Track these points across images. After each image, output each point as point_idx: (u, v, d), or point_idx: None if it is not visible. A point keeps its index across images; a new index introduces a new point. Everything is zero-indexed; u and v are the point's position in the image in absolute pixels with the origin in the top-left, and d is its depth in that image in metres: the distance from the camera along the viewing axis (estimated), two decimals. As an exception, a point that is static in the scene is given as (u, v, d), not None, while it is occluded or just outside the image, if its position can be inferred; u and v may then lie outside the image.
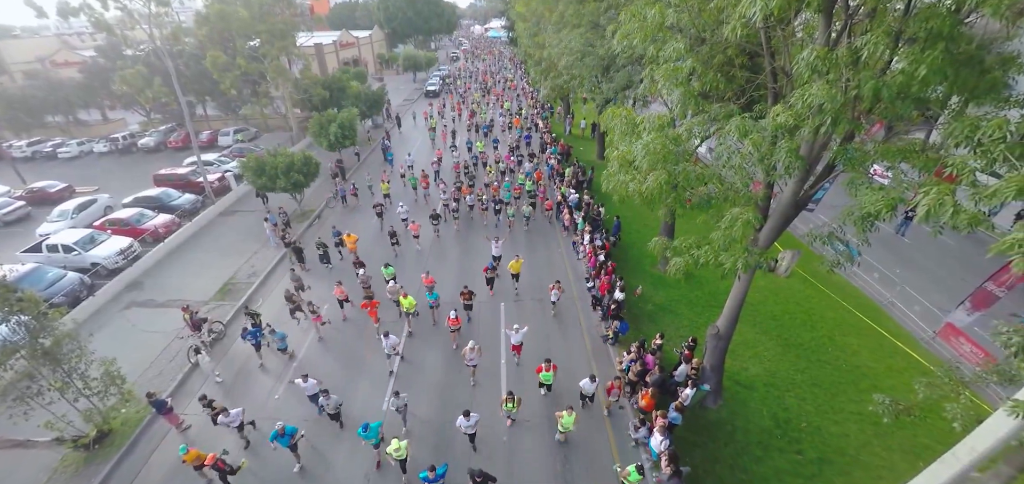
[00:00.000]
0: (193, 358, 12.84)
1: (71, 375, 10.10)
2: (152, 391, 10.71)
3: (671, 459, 8.84)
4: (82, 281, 16.27)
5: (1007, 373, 5.46)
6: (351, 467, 9.99)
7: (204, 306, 15.40)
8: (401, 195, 23.11)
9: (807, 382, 12.05)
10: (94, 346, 11.10)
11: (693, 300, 15.20)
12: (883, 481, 8.83)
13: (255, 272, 17.50)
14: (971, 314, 12.72)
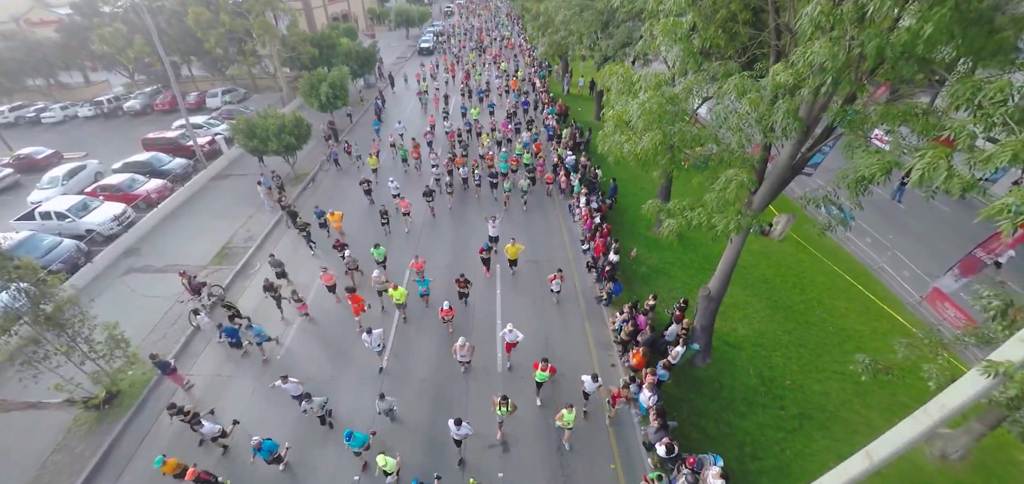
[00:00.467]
0: (194, 321, 13.06)
1: (76, 339, 10.30)
2: (156, 353, 10.96)
3: (659, 414, 9.25)
4: (79, 248, 16.27)
5: (985, 335, 5.64)
6: (338, 471, 9.43)
7: (202, 270, 15.52)
8: (391, 169, 21.76)
9: (793, 343, 12.40)
10: (95, 311, 11.26)
11: (687, 262, 15.38)
12: (860, 436, 9.28)
13: (251, 236, 17.51)
14: (958, 280, 12.95)
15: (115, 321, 11.00)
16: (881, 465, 5.54)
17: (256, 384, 11.45)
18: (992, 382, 4.27)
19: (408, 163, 21.97)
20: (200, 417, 9.50)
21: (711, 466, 8.43)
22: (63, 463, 9.72)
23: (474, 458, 9.67)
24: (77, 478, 9.36)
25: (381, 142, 24.04)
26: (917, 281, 14.39)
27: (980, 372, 4.30)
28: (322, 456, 9.76)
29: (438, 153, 21.46)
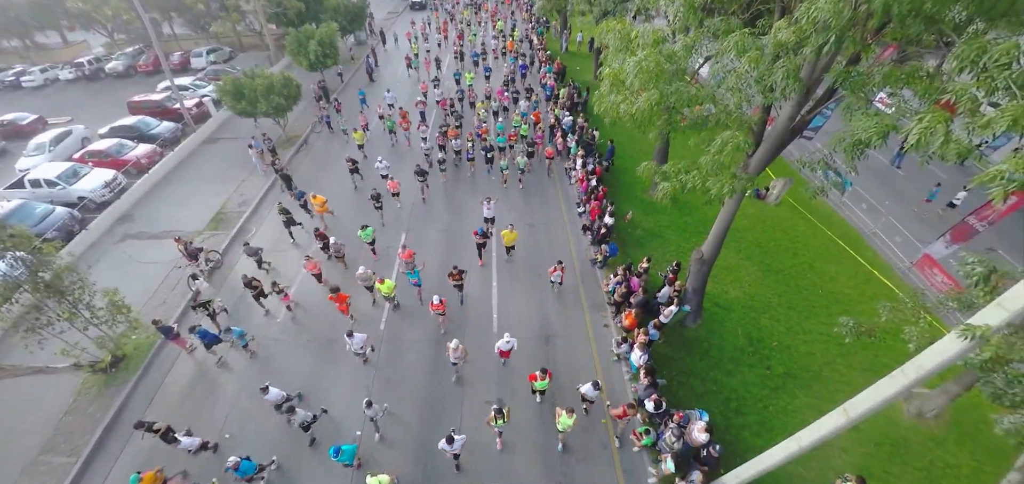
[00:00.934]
0: (193, 286, 13.19)
1: (77, 306, 10.45)
2: (158, 319, 11.15)
3: (648, 372, 9.57)
4: (72, 215, 16.17)
5: (966, 301, 5.75)
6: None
7: (198, 236, 15.52)
8: (379, 143, 20.40)
9: (783, 305, 12.65)
10: (94, 278, 11.38)
11: (682, 225, 15.40)
12: (841, 394, 9.66)
13: (245, 200, 17.39)
14: (949, 246, 13.03)
15: (115, 287, 11.09)
16: (857, 421, 5.79)
17: (240, 384, 10.83)
18: (968, 345, 4.39)
19: (396, 135, 20.53)
20: (174, 432, 8.96)
21: (697, 421, 8.83)
22: (76, 424, 10.10)
23: (471, 460, 9.19)
24: (90, 437, 9.76)
25: (369, 113, 22.28)
26: (909, 247, 14.50)
27: (958, 335, 4.41)
28: (311, 474, 9.11)
29: (429, 125, 20.24)
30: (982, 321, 4.35)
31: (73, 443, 9.71)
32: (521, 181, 17.58)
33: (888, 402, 5.42)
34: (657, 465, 8.98)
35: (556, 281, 12.40)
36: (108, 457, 9.50)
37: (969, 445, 9.42)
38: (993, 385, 5.00)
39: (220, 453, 9.39)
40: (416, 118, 21.40)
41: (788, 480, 8.78)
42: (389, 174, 16.54)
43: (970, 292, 5.61)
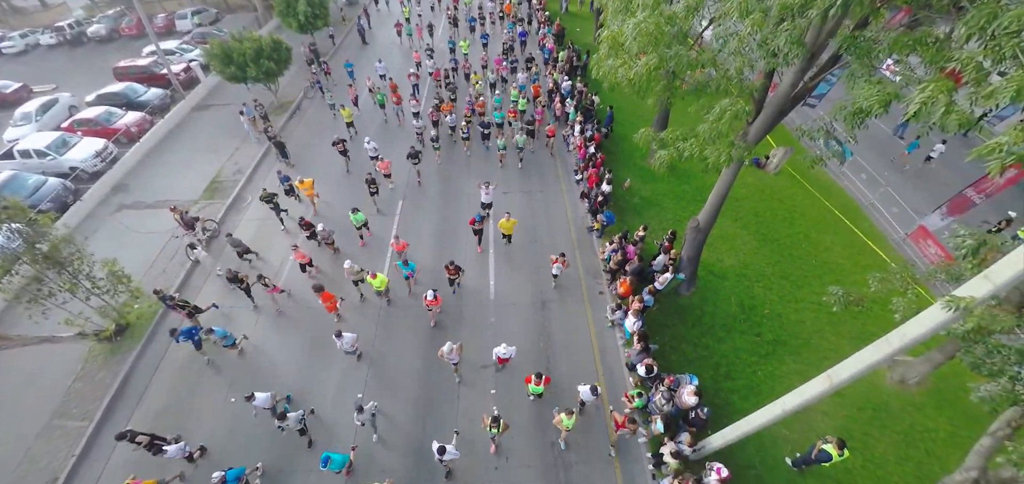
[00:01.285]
0: (191, 255, 13.27)
1: (77, 276, 10.55)
2: (159, 288, 11.27)
3: (641, 338, 9.78)
4: (65, 186, 16.01)
5: (955, 273, 5.79)
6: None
7: (194, 205, 15.46)
8: (370, 119, 19.21)
9: (776, 274, 12.77)
10: (92, 249, 11.40)
11: (680, 194, 15.32)
12: (828, 361, 9.82)
13: (239, 169, 17.20)
14: (945, 218, 12.98)
15: (113, 258, 11.15)
16: (840, 386, 5.97)
17: (230, 387, 10.38)
18: (952, 316, 4.46)
19: (387, 110, 19.32)
20: (159, 441, 8.55)
21: (687, 385, 9.10)
22: (85, 390, 10.42)
23: (467, 465, 8.92)
24: (100, 404, 10.10)
25: (358, 86, 20.55)
26: (905, 218, 14.49)
27: (943, 306, 4.48)
28: (305, 479, 8.88)
29: (421, 99, 18.65)
30: (967, 293, 4.40)
31: (84, 408, 10.05)
32: (521, 160, 16.67)
33: (871, 369, 5.57)
34: (647, 426, 9.34)
35: (557, 273, 11.84)
36: (119, 421, 9.84)
37: (947, 410, 9.77)
38: (973, 355, 5.14)
39: (210, 455, 9.23)
40: (409, 92, 19.72)
41: (772, 441, 9.17)
42: (379, 154, 15.68)
43: (959, 264, 5.66)
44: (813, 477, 8.74)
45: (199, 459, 9.06)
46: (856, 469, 8.84)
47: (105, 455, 9.31)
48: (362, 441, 9.23)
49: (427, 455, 8.51)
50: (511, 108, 17.85)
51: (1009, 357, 4.83)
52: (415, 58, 22.02)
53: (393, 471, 8.83)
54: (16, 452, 9.40)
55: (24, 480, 9.01)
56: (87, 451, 9.36)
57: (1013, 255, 3.97)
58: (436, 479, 8.76)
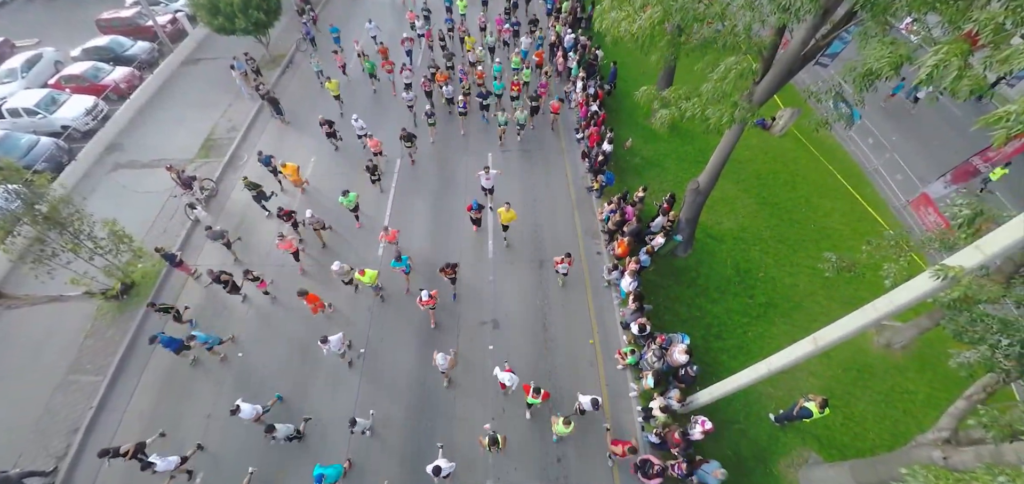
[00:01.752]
0: (191, 215, 13.32)
1: (79, 236, 10.66)
2: (161, 246, 11.39)
3: (637, 297, 9.95)
4: (58, 146, 15.78)
5: (948, 242, 5.76)
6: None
7: (189, 164, 15.32)
8: (359, 90, 17.71)
9: (774, 238, 12.74)
10: (91, 209, 11.44)
11: (682, 154, 15.03)
12: (818, 323, 9.97)
13: (234, 126, 16.91)
14: (949, 186, 12.69)
15: (113, 218, 11.22)
16: (825, 349, 6.11)
17: (218, 390, 9.98)
18: (941, 284, 4.49)
19: (377, 79, 17.60)
20: (145, 450, 8.15)
21: (679, 344, 9.35)
22: (97, 347, 10.82)
23: (464, 474, 8.74)
24: (112, 358, 10.51)
25: (345, 52, 18.39)
26: (908, 185, 14.15)
27: (931, 275, 4.49)
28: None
29: (415, 68, 16.89)
30: (957, 262, 4.40)
31: (97, 363, 10.48)
32: (520, 136, 15.54)
33: (856, 334, 5.68)
34: (639, 381, 9.69)
35: (562, 272, 10.94)
36: (132, 375, 10.30)
37: (929, 374, 10.05)
38: (957, 323, 5.21)
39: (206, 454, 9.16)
40: (402, 59, 17.67)
41: (758, 398, 9.54)
42: (367, 132, 14.34)
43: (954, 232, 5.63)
44: (794, 432, 9.17)
45: (194, 454, 8.84)
46: (835, 426, 9.24)
47: (121, 406, 9.82)
48: (360, 449, 8.97)
49: (425, 459, 8.38)
50: (514, 80, 15.98)
51: (991, 326, 4.91)
52: (409, 18, 20.17)
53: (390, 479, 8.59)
54: (36, 405, 9.90)
55: (46, 431, 9.55)
56: (103, 403, 9.85)
57: (1006, 227, 3.93)
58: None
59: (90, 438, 9.37)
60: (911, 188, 13.94)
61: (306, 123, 16.32)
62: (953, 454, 5.68)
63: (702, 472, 7.89)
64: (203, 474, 8.89)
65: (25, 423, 9.67)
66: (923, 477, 4.11)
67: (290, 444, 8.92)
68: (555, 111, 15.43)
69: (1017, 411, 4.33)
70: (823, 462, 8.79)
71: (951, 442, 5.84)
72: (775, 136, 15.76)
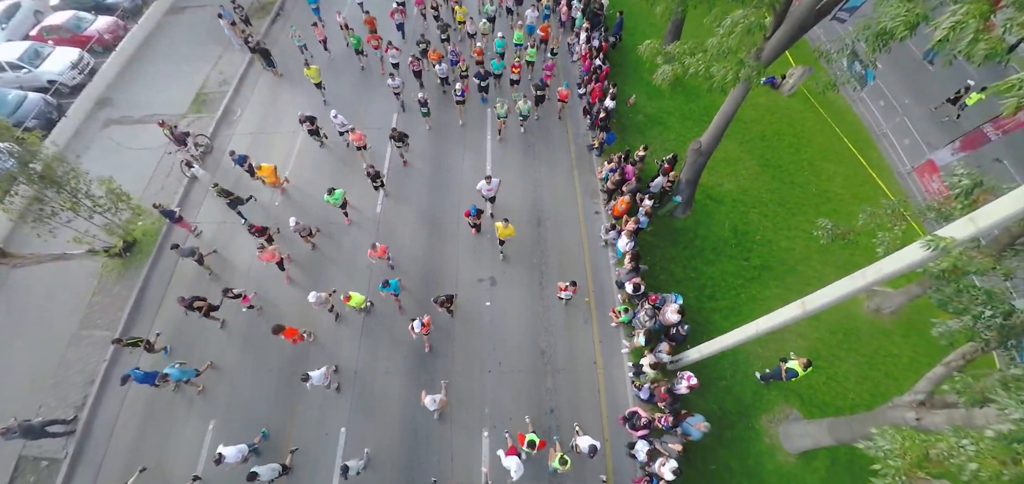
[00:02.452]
0: (188, 173, 13.25)
1: (77, 195, 10.68)
2: (158, 202, 11.39)
3: (633, 257, 10.03)
4: (47, 102, 15.36)
5: (945, 211, 5.68)
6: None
7: (182, 120, 15.05)
8: (344, 68, 15.82)
9: (774, 201, 12.60)
10: (87, 167, 11.37)
11: (686, 113, 14.56)
12: (811, 287, 10.05)
13: (225, 79, 16.41)
14: (956, 153, 12.27)
15: (110, 176, 11.18)
16: (813, 313, 6.22)
17: (201, 420, 9.42)
18: (930, 255, 4.48)
19: (365, 55, 15.78)
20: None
21: (671, 303, 9.52)
22: (106, 302, 11.14)
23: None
24: (121, 314, 10.85)
25: (327, 26, 16.09)
26: (915, 151, 13.69)
27: (921, 246, 4.48)
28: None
29: (400, 48, 14.59)
30: (950, 234, 4.37)
31: (108, 318, 10.85)
32: (523, 128, 14.02)
33: (843, 300, 5.75)
34: (630, 338, 9.97)
35: (565, 298, 10.19)
36: (141, 329, 10.65)
37: (913, 339, 10.26)
38: (943, 293, 5.25)
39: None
40: (394, 35, 15.89)
41: (746, 357, 9.84)
42: (349, 127, 12.65)
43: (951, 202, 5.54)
44: (777, 390, 9.53)
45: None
46: (818, 385, 9.58)
47: (134, 360, 10.19)
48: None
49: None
50: (515, 61, 14.08)
51: (976, 297, 4.94)
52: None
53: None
54: (52, 359, 10.34)
55: (63, 383, 10.05)
56: (116, 356, 10.27)
57: (1001, 200, 3.86)
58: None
59: (106, 389, 9.89)
60: (918, 154, 13.54)
61: (301, 79, 15.74)
62: (926, 416, 5.91)
63: (686, 424, 8.29)
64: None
65: (43, 375, 10.15)
66: (891, 436, 4.30)
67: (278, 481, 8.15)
68: (563, 98, 13.59)
69: (990, 379, 4.45)
70: (803, 418, 9.20)
71: (925, 405, 6.05)
72: (784, 95, 15.27)
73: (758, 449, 9.09)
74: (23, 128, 11.75)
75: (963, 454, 3.84)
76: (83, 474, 8.98)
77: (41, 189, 10.23)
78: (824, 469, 8.86)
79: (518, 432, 8.45)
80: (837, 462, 8.91)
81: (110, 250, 11.57)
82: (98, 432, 9.46)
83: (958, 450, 3.77)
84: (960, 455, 3.75)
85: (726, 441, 9.12)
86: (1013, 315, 4.76)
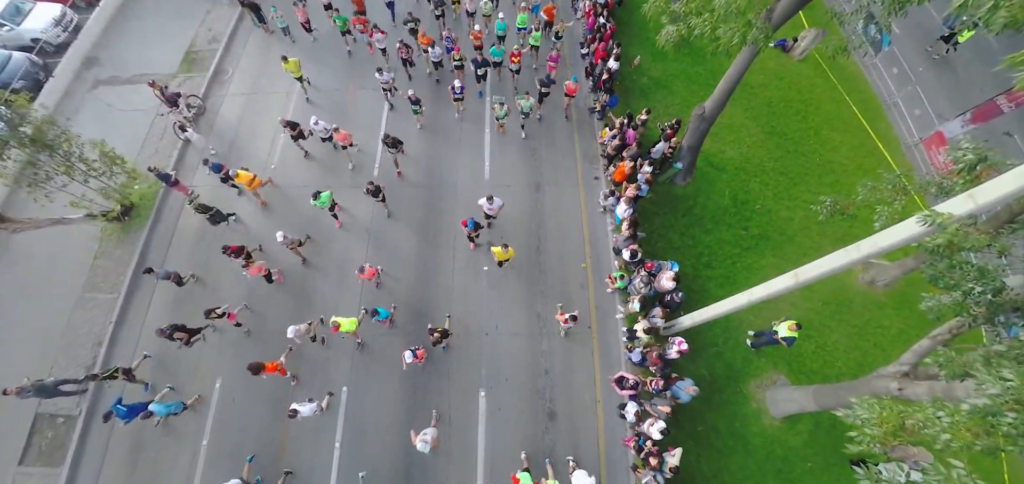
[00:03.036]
0: (181, 135, 13.04)
1: (70, 158, 10.57)
2: (153, 165, 11.30)
3: (631, 224, 10.01)
4: (33, 61, 14.87)
5: (946, 186, 5.57)
6: None
7: (173, 80, 14.64)
8: (328, 51, 14.38)
9: (776, 170, 12.38)
10: (78, 130, 11.20)
11: (693, 76, 14.05)
12: (807, 258, 9.93)
13: (215, 37, 15.81)
14: (966, 126, 11.82)
15: (102, 138, 11.02)
16: (805, 284, 6.27)
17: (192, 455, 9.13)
18: (927, 230, 4.45)
19: (352, 36, 14.09)
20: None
21: (667, 270, 9.59)
22: (108, 266, 11.29)
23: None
24: (124, 276, 11.03)
25: (308, 6, 14.29)
26: (925, 122, 13.17)
27: (918, 221, 4.43)
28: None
29: (387, 32, 13.18)
30: (948, 210, 4.31)
31: (111, 281, 11.02)
32: (523, 128, 12.64)
33: (837, 272, 5.78)
34: (626, 304, 10.12)
35: (565, 325, 9.59)
36: (146, 291, 10.87)
37: (904, 311, 10.37)
38: (935, 269, 5.25)
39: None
40: (379, 15, 14.40)
41: (738, 325, 10.01)
42: (333, 127, 11.58)
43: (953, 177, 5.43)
44: (766, 356, 9.75)
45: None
46: (807, 353, 9.79)
47: (140, 320, 10.49)
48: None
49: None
50: (514, 50, 12.43)
51: (968, 274, 4.94)
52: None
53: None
54: (59, 321, 10.59)
55: (71, 345, 10.34)
56: (122, 318, 10.54)
57: (1002, 178, 3.78)
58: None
59: (114, 350, 10.20)
60: (928, 125, 13.07)
61: (293, 33, 15.12)
62: (908, 386, 6.06)
63: (676, 388, 8.56)
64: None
65: (52, 337, 10.43)
66: (869, 406, 4.43)
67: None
68: (570, 93, 12.26)
69: (973, 354, 4.53)
70: (789, 385, 9.46)
71: (909, 376, 6.19)
72: (794, 60, 14.64)
73: (744, 412, 9.42)
74: (10, 90, 11.46)
75: (938, 425, 3.96)
76: (97, 431, 9.41)
77: (33, 153, 10.11)
78: (806, 433, 9.22)
79: (511, 474, 8.30)
80: (820, 427, 9.25)
81: (108, 214, 11.57)
82: (109, 391, 9.81)
83: (934, 421, 3.88)
84: (935, 425, 3.87)
85: (714, 404, 9.44)
86: (1003, 292, 4.77)
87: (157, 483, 8.96)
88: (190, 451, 9.27)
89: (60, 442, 9.37)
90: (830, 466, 9.02)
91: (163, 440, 9.35)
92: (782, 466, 9.06)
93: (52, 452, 9.32)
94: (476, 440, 9.15)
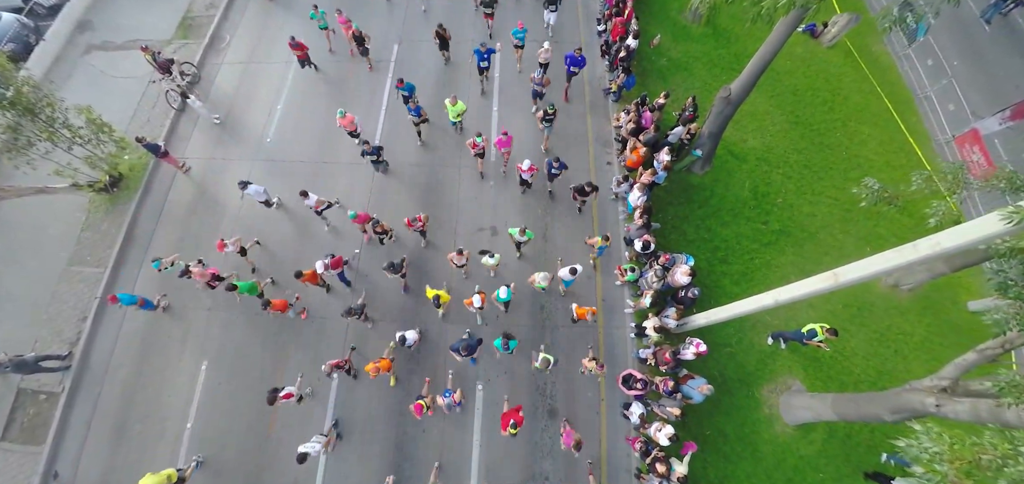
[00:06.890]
0: (175, 103, 12.44)
1: (53, 124, 10.04)
2: (141, 136, 10.74)
3: (644, 212, 9.36)
4: (23, 23, 14.22)
5: (1015, 181, 4.94)
6: None
7: (167, 46, 14.00)
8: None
9: (800, 162, 11.65)
10: (69, 96, 10.70)
11: (715, 59, 13.17)
12: (829, 257, 9.51)
13: (213, 3, 15.09)
14: (1004, 123, 10.96)
15: (88, 105, 10.48)
16: (846, 286, 5.66)
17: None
18: (1007, 229, 3.86)
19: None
20: None
21: (682, 264, 9.00)
22: (95, 239, 10.84)
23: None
24: (111, 250, 10.57)
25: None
26: (959, 118, 12.21)
27: (1001, 217, 3.84)
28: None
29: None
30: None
31: (97, 255, 10.59)
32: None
33: (886, 273, 5.15)
34: (637, 299, 9.55)
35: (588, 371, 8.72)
36: (132, 265, 10.45)
37: (929, 318, 9.74)
38: (1005, 274, 4.64)
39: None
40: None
41: (752, 325, 9.44)
42: (270, 199, 10.38)
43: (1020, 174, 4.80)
44: (781, 359, 9.20)
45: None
46: (824, 357, 9.23)
47: (126, 296, 10.06)
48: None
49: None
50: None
51: (1047, 283, 4.34)
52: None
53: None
54: (44, 294, 10.21)
55: (56, 318, 9.96)
56: (108, 293, 10.01)
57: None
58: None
59: (99, 326, 9.81)
60: (962, 121, 12.11)
61: (293, 3, 14.35)
62: (947, 403, 5.50)
63: (687, 387, 8.05)
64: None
65: (37, 310, 10.06)
66: (937, 437, 3.82)
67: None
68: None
69: None
70: (806, 391, 8.93)
71: (948, 391, 5.63)
72: (824, 46, 13.72)
73: (755, 418, 8.93)
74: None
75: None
76: (81, 407, 9.10)
77: (15, 118, 9.57)
78: (820, 442, 8.73)
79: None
80: (834, 436, 8.75)
81: (95, 185, 11.08)
82: (95, 366, 9.49)
83: (1018, 458, 3.29)
84: (1020, 464, 3.28)
85: (724, 408, 8.95)
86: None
87: (140, 463, 8.60)
88: (173, 433, 8.96)
89: (43, 419, 9.07)
90: (843, 478, 8.53)
91: (147, 420, 9.02)
92: (792, 476, 8.59)
93: (34, 429, 9.02)
94: (472, 439, 8.77)
